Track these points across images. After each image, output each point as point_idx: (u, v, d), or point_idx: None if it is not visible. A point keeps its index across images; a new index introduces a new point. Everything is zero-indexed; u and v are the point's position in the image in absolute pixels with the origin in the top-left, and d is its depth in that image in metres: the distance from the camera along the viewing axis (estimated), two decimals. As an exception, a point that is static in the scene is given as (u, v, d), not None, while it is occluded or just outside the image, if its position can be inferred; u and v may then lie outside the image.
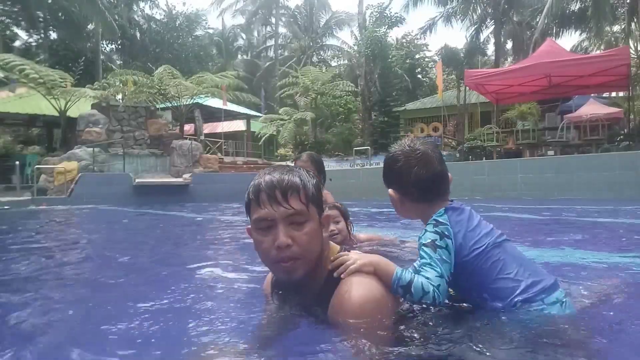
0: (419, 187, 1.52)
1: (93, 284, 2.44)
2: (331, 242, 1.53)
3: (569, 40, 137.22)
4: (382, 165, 1.66)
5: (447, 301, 1.47)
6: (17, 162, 13.09)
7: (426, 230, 1.47)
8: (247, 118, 26.24)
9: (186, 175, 13.98)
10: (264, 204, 1.31)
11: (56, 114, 16.45)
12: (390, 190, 1.59)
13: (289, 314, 1.48)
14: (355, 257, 1.39)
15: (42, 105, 17.31)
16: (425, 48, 36.17)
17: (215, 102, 21.50)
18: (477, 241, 1.45)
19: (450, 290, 1.47)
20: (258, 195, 1.33)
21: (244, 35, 45.69)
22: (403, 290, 1.35)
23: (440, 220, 1.47)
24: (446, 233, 1.43)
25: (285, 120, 20.82)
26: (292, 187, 1.32)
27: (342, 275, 1.35)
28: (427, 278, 1.37)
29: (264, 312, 1.62)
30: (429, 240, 1.43)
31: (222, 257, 3.18)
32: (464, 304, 1.51)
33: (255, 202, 1.34)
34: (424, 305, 1.41)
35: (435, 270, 1.38)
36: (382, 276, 1.37)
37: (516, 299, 1.38)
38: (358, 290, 1.29)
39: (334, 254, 1.45)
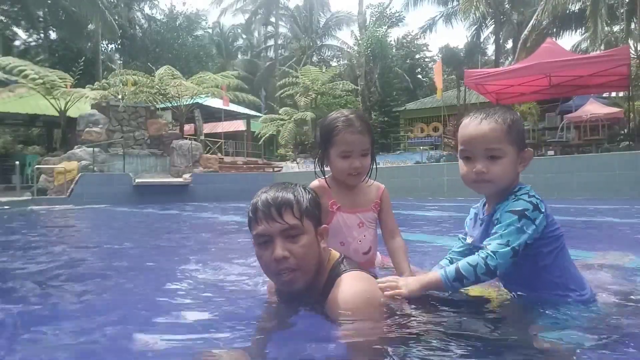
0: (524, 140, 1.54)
1: (92, 283, 2.44)
2: (331, 250, 1.57)
3: (569, 40, 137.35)
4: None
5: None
6: (17, 162, 13.09)
7: (520, 198, 1.43)
8: (247, 118, 26.23)
9: (186, 175, 13.99)
10: (261, 221, 1.44)
11: (56, 114, 16.45)
12: (509, 147, 1.48)
13: (289, 309, 1.53)
14: (403, 283, 1.45)
15: (42, 105, 17.29)
16: (425, 48, 36.27)
17: (215, 102, 21.48)
18: (555, 223, 1.48)
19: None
20: (256, 213, 1.46)
21: (244, 35, 45.67)
22: (458, 282, 1.39)
23: (533, 193, 1.46)
24: (540, 207, 1.42)
25: (285, 120, 20.83)
26: (286, 204, 1.44)
27: (386, 294, 1.43)
28: (484, 253, 1.39)
29: (265, 307, 1.66)
30: (520, 209, 1.40)
31: (222, 257, 3.18)
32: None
33: (253, 220, 1.47)
34: (485, 279, 1.40)
35: (501, 239, 1.38)
36: (431, 288, 1.45)
37: (590, 292, 1.47)
38: (350, 287, 1.39)
39: (332, 262, 1.52)
